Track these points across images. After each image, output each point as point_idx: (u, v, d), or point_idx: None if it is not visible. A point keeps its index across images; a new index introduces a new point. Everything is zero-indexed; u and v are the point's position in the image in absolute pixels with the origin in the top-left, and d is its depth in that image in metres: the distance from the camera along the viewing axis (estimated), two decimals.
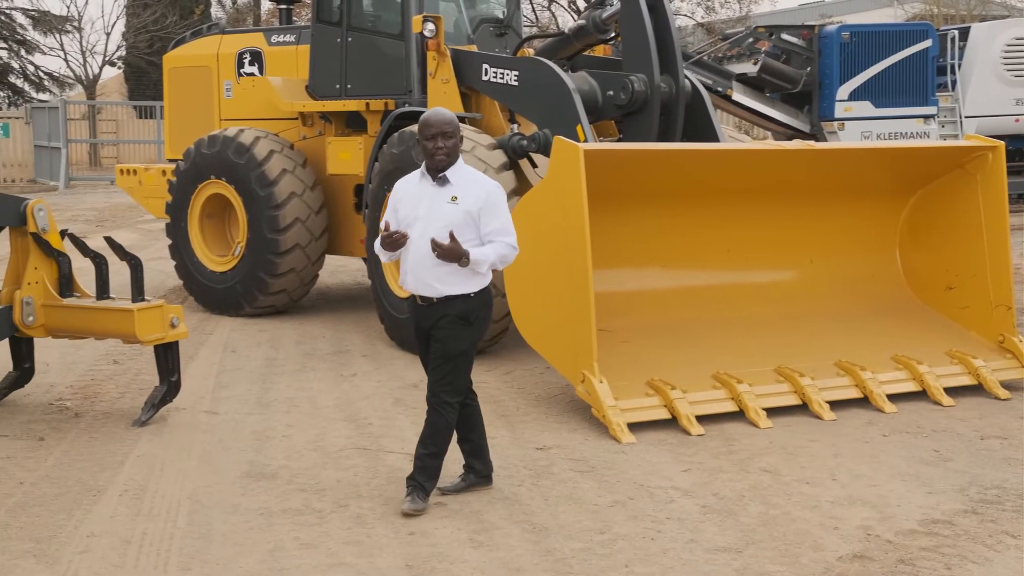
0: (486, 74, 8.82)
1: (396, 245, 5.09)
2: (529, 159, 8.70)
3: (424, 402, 5.25)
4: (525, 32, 17.62)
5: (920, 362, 7.18)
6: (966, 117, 17.57)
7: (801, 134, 16.28)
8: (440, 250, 4.94)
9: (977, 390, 7.20)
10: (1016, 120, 17.87)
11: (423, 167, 5.20)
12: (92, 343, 8.25)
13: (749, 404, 6.57)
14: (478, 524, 4.99)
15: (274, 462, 5.88)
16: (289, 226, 9.62)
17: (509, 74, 8.66)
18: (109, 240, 6.75)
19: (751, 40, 16.75)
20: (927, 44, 16.59)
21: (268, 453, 6.04)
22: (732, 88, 16.28)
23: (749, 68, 16.32)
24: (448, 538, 4.82)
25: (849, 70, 16.35)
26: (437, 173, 5.13)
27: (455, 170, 5.15)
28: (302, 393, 7.41)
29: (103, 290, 6.68)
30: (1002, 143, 7.74)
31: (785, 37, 16.71)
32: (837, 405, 6.79)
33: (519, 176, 8.36)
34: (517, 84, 8.61)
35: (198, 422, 6.68)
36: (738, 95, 16.33)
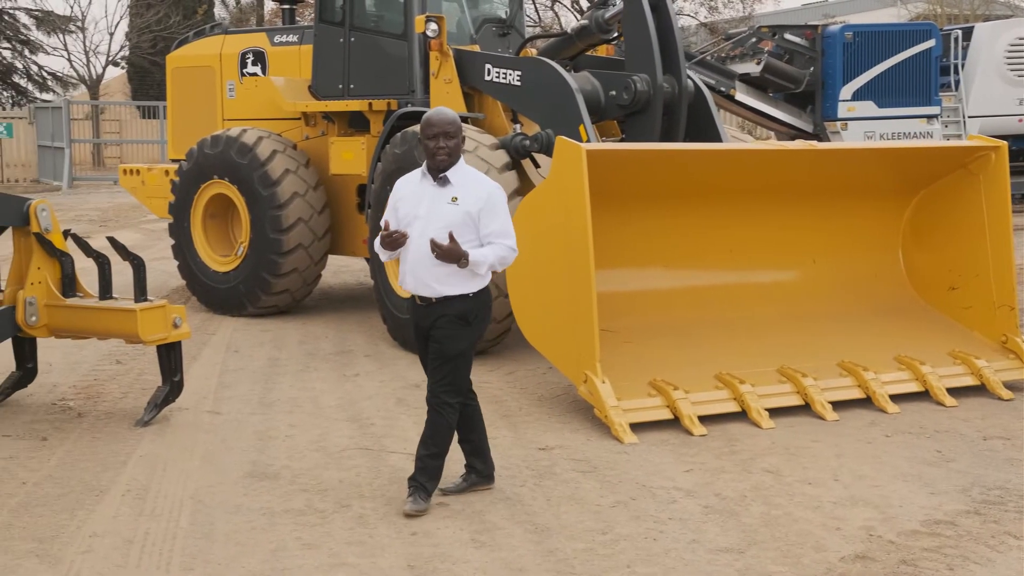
0: (489, 74, 8.81)
1: (395, 244, 5.08)
2: (532, 159, 8.69)
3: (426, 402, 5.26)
4: (528, 32, 17.62)
5: (923, 362, 7.17)
6: (969, 117, 17.55)
7: (804, 134, 16.29)
8: (439, 251, 4.93)
9: (980, 391, 7.19)
10: (1020, 120, 17.84)
11: (424, 166, 5.20)
12: (95, 343, 8.26)
13: (751, 404, 6.57)
14: (480, 524, 4.99)
15: (276, 462, 5.88)
16: (292, 226, 9.62)
17: (512, 74, 8.66)
18: (112, 240, 6.76)
19: (754, 40, 16.76)
20: (930, 44, 16.59)
21: (271, 453, 6.05)
22: (735, 88, 16.29)
23: (752, 68, 16.33)
24: (450, 538, 4.82)
25: (852, 70, 16.34)
26: (438, 173, 5.12)
27: (456, 170, 5.14)
28: (305, 393, 7.41)
29: (106, 290, 6.68)
30: (1005, 143, 7.75)
31: (788, 37, 16.71)
32: (840, 405, 6.78)
33: (521, 176, 8.36)
34: (520, 84, 8.61)
35: (201, 422, 6.69)
36: (741, 95, 16.34)
